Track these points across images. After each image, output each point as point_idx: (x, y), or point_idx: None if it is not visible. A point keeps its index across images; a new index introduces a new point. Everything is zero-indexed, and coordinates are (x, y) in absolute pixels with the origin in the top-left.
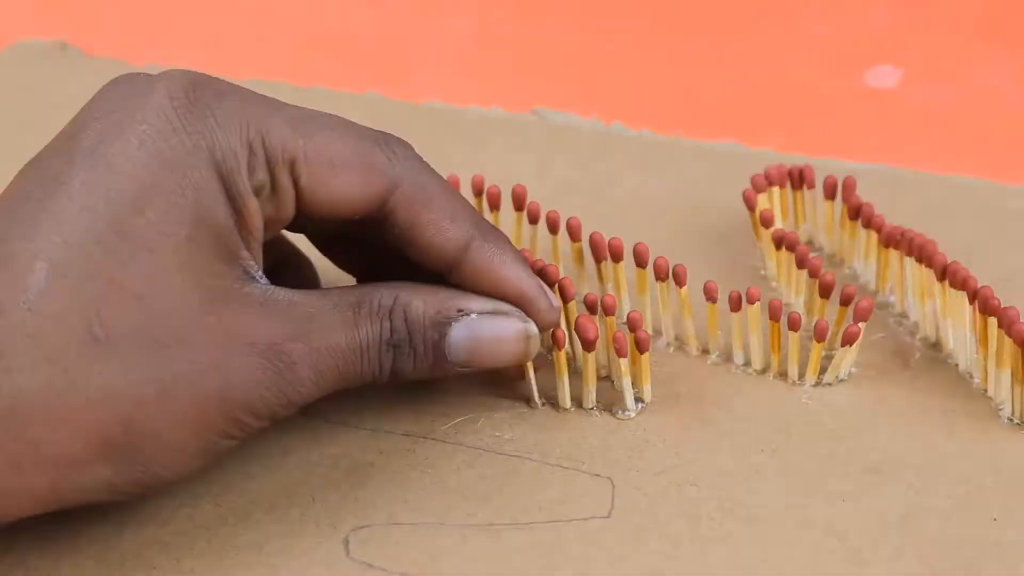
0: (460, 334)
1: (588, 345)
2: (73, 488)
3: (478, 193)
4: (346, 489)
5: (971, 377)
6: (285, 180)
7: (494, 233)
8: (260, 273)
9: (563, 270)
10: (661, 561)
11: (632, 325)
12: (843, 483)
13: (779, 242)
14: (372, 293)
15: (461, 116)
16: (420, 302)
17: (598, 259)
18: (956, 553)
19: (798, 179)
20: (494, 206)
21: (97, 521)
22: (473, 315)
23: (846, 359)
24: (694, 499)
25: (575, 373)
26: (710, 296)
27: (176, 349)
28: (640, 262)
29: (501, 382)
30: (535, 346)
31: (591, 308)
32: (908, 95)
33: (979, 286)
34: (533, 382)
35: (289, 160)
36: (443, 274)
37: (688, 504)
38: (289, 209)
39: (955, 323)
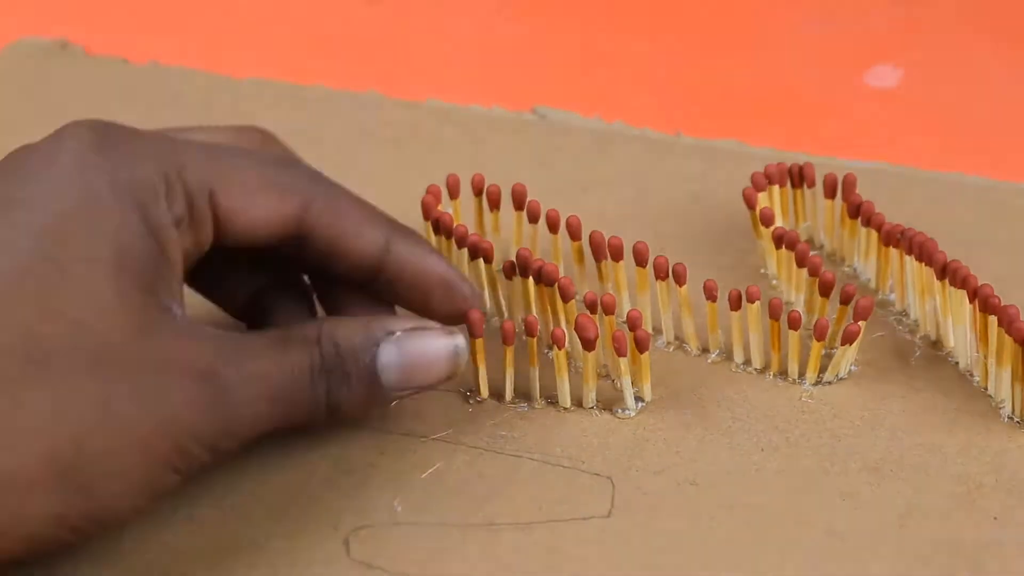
0: (390, 355)
1: (588, 344)
2: (19, 520)
3: (478, 192)
4: (346, 489)
5: (971, 375)
6: (204, 209)
7: (409, 230)
8: (180, 307)
9: (563, 269)
10: (661, 560)
11: (632, 324)
12: (843, 482)
13: (779, 240)
14: (297, 327)
15: (462, 115)
16: (345, 328)
17: (598, 258)
18: (957, 552)
19: (798, 177)
20: (494, 205)
21: None
22: (398, 332)
23: (846, 357)
24: (694, 498)
25: (575, 372)
26: (710, 295)
27: (116, 371)
28: (640, 261)
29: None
30: (463, 358)
31: (591, 307)
32: (908, 95)
33: (979, 284)
34: (535, 381)
35: (207, 189)
36: (369, 282)
37: (688, 503)
38: (208, 236)
39: (955, 321)
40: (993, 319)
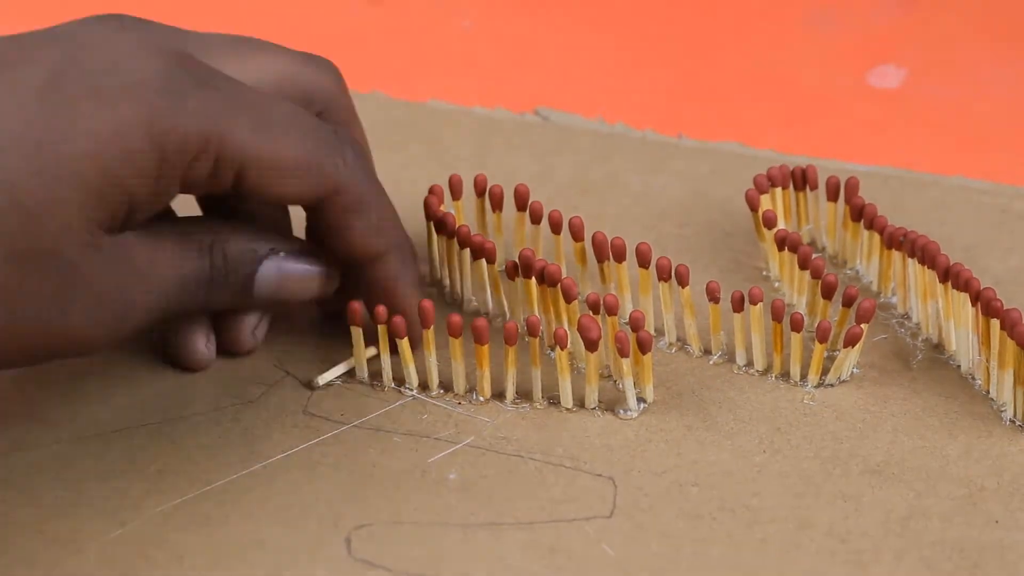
0: (269, 271)
1: (591, 345)
2: None
3: (480, 192)
4: (348, 488)
5: (973, 379)
6: (226, 178)
7: (405, 251)
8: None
9: (565, 270)
10: (662, 561)
11: (634, 325)
12: (845, 484)
13: (782, 243)
14: (193, 230)
15: (464, 116)
16: (235, 240)
17: (600, 259)
18: (958, 555)
19: (801, 180)
20: (496, 206)
21: (99, 519)
22: (282, 253)
23: (848, 360)
24: (695, 499)
25: (577, 373)
26: (712, 296)
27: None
28: (642, 262)
29: (503, 375)
30: (331, 287)
31: (593, 308)
32: (911, 95)
33: (981, 287)
34: (537, 381)
35: (239, 164)
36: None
37: (689, 504)
38: (217, 190)
39: (957, 324)
40: (995, 322)
